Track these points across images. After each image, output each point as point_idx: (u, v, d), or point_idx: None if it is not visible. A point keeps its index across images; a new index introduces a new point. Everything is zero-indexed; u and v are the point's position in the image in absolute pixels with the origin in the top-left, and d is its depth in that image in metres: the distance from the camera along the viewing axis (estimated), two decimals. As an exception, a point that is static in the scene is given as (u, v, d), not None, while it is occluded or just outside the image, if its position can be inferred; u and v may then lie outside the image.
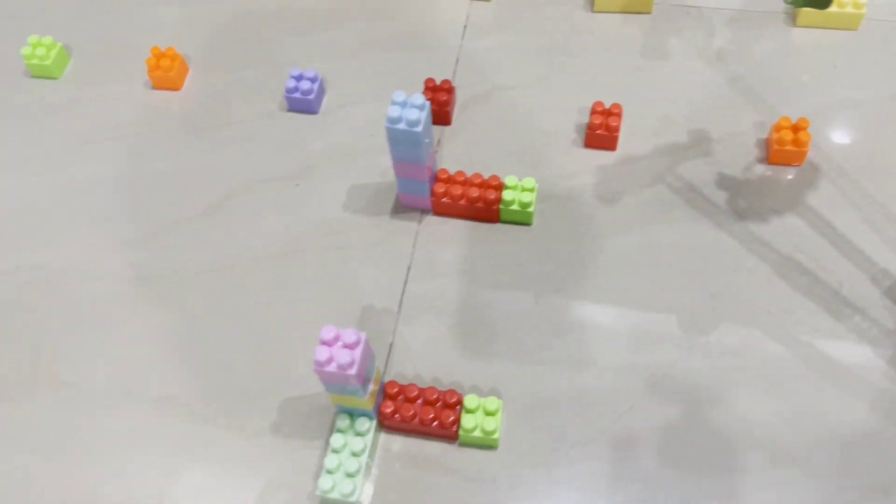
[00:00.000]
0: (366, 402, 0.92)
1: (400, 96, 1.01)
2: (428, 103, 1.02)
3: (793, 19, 1.35)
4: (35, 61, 1.33)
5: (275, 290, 1.12)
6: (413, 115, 1.00)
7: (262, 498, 0.96)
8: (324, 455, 0.99)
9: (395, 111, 1.00)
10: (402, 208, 1.18)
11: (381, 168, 1.22)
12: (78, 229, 1.19)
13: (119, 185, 1.24)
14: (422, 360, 1.05)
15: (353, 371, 0.84)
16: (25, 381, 1.07)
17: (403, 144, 1.04)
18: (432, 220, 1.17)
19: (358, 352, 0.85)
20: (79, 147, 1.28)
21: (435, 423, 0.96)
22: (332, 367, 0.85)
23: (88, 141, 1.29)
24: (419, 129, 1.01)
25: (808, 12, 1.31)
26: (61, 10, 1.47)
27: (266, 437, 1.01)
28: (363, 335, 0.86)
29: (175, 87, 1.32)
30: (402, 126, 1.01)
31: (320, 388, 1.01)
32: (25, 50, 1.33)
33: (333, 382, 0.87)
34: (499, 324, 1.07)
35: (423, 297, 1.10)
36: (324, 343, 0.85)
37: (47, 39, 1.34)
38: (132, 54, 1.37)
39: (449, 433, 0.97)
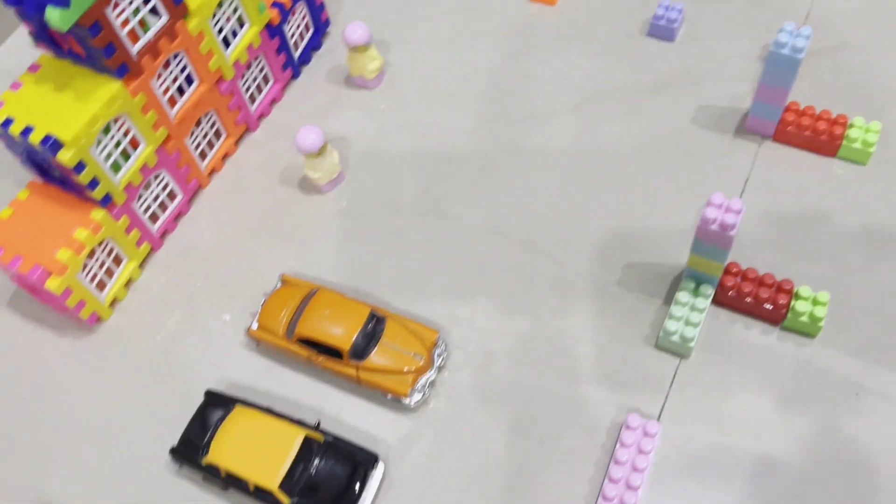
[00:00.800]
0: (718, 267, 1.10)
1: (790, 25, 1.17)
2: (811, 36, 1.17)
3: None
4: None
5: (627, 178, 1.33)
6: (800, 43, 1.16)
7: (605, 332, 1.18)
8: (658, 311, 1.19)
9: (783, 37, 1.16)
10: (745, 131, 1.35)
11: (727, 95, 1.39)
12: (468, 105, 1.45)
13: (498, 76, 1.49)
14: (751, 255, 1.21)
15: (733, 233, 1.02)
16: (420, 209, 1.35)
17: (780, 69, 1.20)
18: (772, 146, 1.33)
19: (740, 218, 1.03)
20: (467, 41, 1.55)
21: (767, 304, 1.13)
22: (715, 227, 1.03)
23: (476, 37, 1.55)
24: (801, 56, 1.17)
25: None
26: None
27: (611, 288, 1.22)
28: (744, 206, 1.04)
29: (550, 3, 1.55)
30: (786, 52, 1.17)
31: (660, 258, 1.22)
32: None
33: (708, 241, 1.06)
34: (828, 242, 1.22)
35: (757, 206, 1.26)
36: (712, 205, 1.03)
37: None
38: (517, -30, 1.62)
39: (776, 315, 1.14)
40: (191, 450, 1.10)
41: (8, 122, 1.13)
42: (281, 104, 1.52)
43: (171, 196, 1.35)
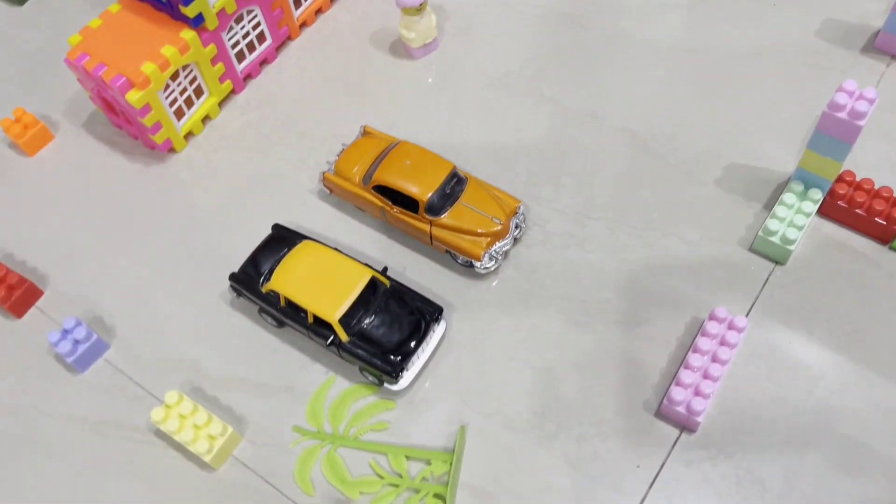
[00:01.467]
0: (835, 167, 1.02)
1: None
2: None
3: None
4: None
5: (738, 82, 1.24)
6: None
7: (698, 229, 1.10)
8: (756, 216, 1.11)
9: (943, -65, 1.07)
10: (873, 50, 1.24)
11: (857, 12, 1.29)
12: None
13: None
14: (867, 172, 1.10)
15: (862, 122, 0.94)
16: (513, 86, 1.28)
17: (930, -27, 1.10)
18: (902, 67, 1.23)
19: (872, 109, 0.94)
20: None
21: (879, 218, 1.04)
22: (843, 114, 0.95)
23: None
24: (960, -42, 1.07)
25: None
26: None
27: (708, 187, 1.15)
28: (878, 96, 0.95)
29: None
30: (943, -49, 1.07)
31: (764, 164, 1.14)
32: None
33: (832, 133, 0.97)
34: (951, 168, 1.13)
35: (880, 125, 1.15)
36: (843, 91, 0.95)
37: None
38: None
39: (887, 231, 1.05)
40: (251, 278, 1.06)
41: (112, -82, 1.10)
42: (381, -32, 1.47)
43: (260, 38, 1.30)
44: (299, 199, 1.21)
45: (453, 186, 1.10)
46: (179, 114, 1.23)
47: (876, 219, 1.05)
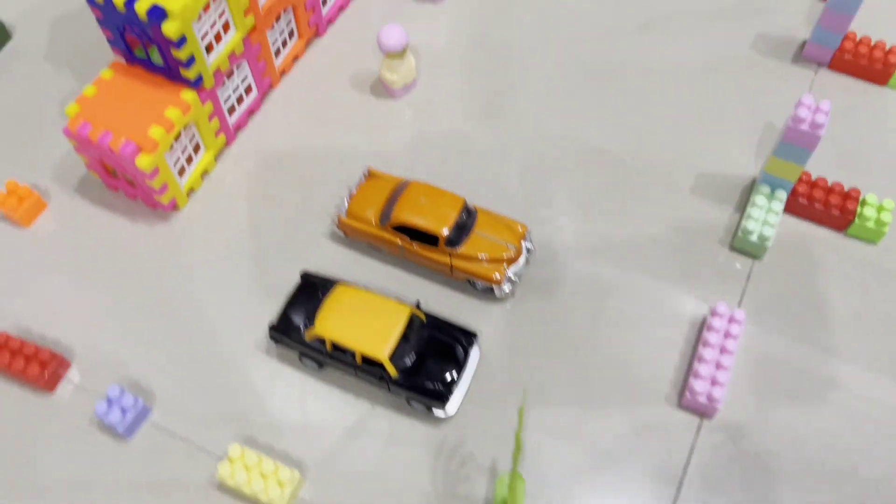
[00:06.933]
0: (798, 170, 1.17)
1: (865, -48, 1.24)
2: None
3: None
4: None
5: (690, 97, 1.39)
6: (875, -33, 1.23)
7: (678, 233, 1.24)
8: (732, 217, 1.25)
9: (859, -36, 1.24)
10: (801, 59, 1.42)
11: (783, 25, 1.46)
12: (534, 20, 1.49)
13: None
14: (815, 171, 1.27)
15: (821, 132, 1.09)
16: (493, 117, 1.38)
17: (852, -4, 1.27)
18: (827, 74, 1.40)
19: (828, 118, 1.09)
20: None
21: (835, 210, 1.21)
22: (805, 126, 1.10)
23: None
24: (874, -19, 1.24)
25: None
26: None
27: (684, 194, 1.28)
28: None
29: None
30: (860, -22, 1.24)
31: (731, 169, 1.28)
32: None
33: (795, 143, 1.12)
34: (885, 159, 1.31)
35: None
36: (803, 105, 1.10)
37: None
38: None
39: (842, 221, 1.21)
40: (290, 326, 1.11)
41: (109, -10, 1.11)
42: (348, 11, 1.52)
43: (247, 90, 1.34)
44: (313, 243, 1.26)
45: (466, 219, 1.19)
46: (181, 172, 1.26)
47: (832, 211, 1.21)
